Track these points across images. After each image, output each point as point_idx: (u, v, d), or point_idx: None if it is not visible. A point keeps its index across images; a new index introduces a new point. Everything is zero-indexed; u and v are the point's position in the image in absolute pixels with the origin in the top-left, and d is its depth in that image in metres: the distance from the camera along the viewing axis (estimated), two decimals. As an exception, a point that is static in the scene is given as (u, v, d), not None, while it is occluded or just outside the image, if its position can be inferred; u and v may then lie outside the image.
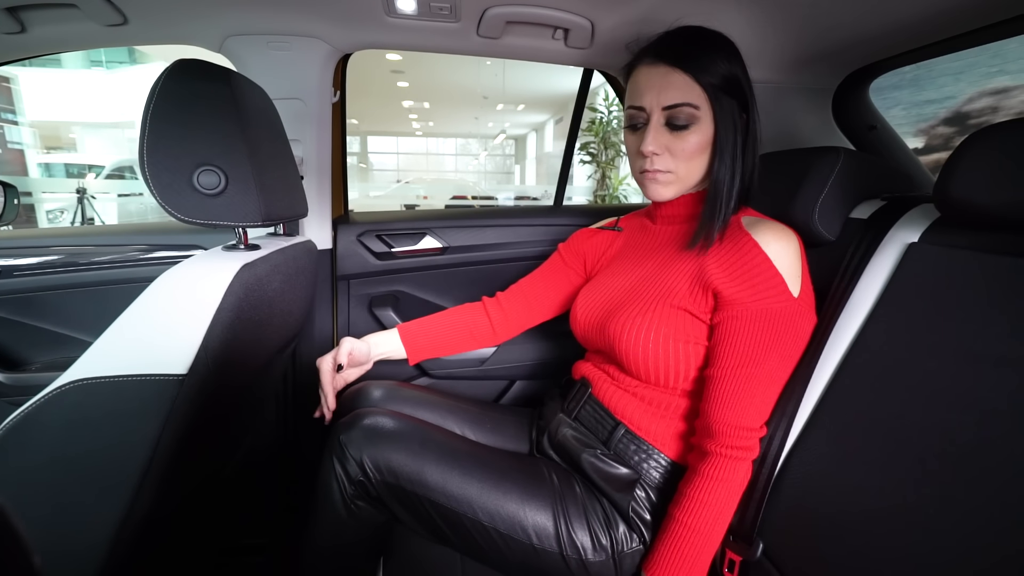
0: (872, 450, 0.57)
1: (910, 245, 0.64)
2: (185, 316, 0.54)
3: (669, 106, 0.67)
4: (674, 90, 0.66)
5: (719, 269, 0.65)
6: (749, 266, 0.63)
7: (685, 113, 0.66)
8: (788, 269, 0.63)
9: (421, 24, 0.93)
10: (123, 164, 8.35)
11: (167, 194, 0.56)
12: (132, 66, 12.02)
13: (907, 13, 0.76)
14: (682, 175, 0.70)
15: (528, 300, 0.92)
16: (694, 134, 0.67)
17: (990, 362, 0.50)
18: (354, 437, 0.67)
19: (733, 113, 0.67)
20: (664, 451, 0.69)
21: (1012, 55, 3.34)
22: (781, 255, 0.63)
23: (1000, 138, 0.53)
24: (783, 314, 0.62)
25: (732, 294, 0.63)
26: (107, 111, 11.31)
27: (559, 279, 0.91)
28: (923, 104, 3.76)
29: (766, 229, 0.65)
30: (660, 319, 0.67)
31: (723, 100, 0.66)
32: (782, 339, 0.62)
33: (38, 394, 0.51)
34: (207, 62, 0.60)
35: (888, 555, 0.51)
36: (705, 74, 0.65)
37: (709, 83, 0.65)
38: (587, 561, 0.66)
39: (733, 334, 0.63)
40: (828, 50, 0.92)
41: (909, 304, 0.61)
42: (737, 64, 0.68)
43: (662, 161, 0.69)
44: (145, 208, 7.82)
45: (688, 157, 0.68)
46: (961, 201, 0.56)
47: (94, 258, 1.11)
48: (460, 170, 20.26)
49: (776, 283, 0.62)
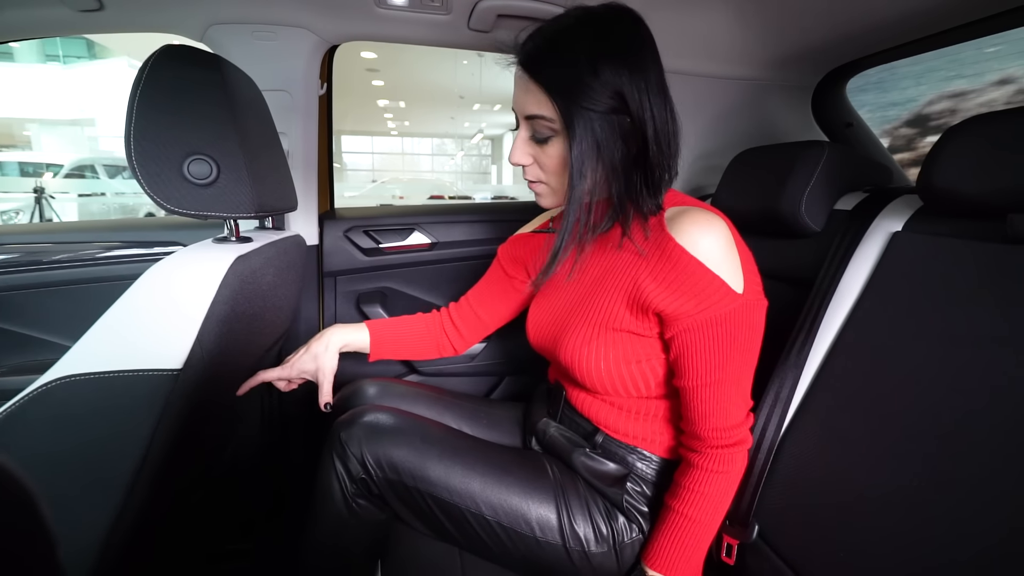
0: (862, 432, 0.59)
1: (894, 234, 0.67)
2: (179, 310, 0.52)
3: (529, 116, 0.61)
4: (531, 101, 0.60)
5: (654, 286, 0.60)
6: (683, 276, 0.58)
7: (543, 126, 0.60)
8: (723, 265, 0.58)
9: (411, 16, 0.92)
10: (83, 163, 8.01)
11: (156, 184, 0.54)
12: (91, 61, 11.56)
13: (883, 13, 0.80)
14: (555, 187, 0.65)
15: (479, 316, 0.89)
16: (555, 147, 0.61)
17: (973, 344, 0.53)
18: (355, 434, 0.66)
19: (601, 127, 0.57)
20: (650, 449, 0.69)
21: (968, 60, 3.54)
22: (712, 252, 0.58)
23: (981, 129, 0.56)
24: (733, 316, 0.58)
25: (675, 310, 0.59)
26: (65, 108, 10.83)
27: (506, 290, 0.87)
28: (887, 107, 3.94)
29: (689, 224, 0.59)
30: (607, 344, 0.65)
31: (583, 116, 0.56)
32: (738, 338, 0.59)
33: (11, 399, 0.48)
34: (197, 48, 0.58)
35: (879, 532, 0.53)
36: (559, 90, 0.57)
37: (564, 100, 0.57)
38: (590, 553, 0.66)
39: (690, 347, 0.60)
40: (809, 48, 0.95)
41: (895, 290, 0.64)
42: (612, 68, 0.56)
43: (532, 172, 0.66)
44: (108, 209, 7.51)
45: (553, 171, 0.63)
46: (945, 190, 0.59)
47: (58, 256, 1.06)
48: (436, 170, 20.14)
49: (716, 287, 0.57)
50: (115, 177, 8.09)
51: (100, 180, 7.89)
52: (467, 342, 0.91)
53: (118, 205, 7.72)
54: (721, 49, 0.97)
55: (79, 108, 10.81)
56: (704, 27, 0.59)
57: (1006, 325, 0.51)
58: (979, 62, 3.50)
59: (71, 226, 1.23)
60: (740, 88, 1.06)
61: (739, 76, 1.04)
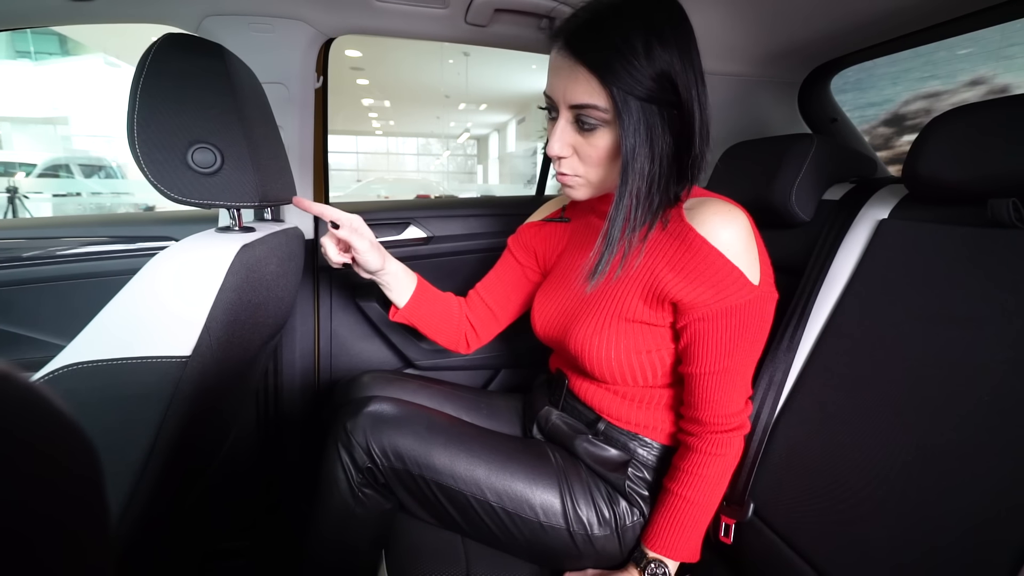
0: (852, 411, 0.61)
1: (881, 222, 0.70)
2: (187, 297, 0.52)
3: (576, 105, 0.58)
4: (580, 89, 0.57)
5: (673, 276, 0.60)
6: (703, 266, 0.58)
7: (593, 115, 0.57)
8: (742, 257, 0.58)
9: (409, 9, 0.92)
10: (57, 162, 7.81)
11: (160, 173, 0.54)
12: (64, 58, 11.23)
13: (866, 12, 0.83)
14: (593, 180, 0.63)
15: (492, 311, 0.88)
16: (603, 138, 0.59)
17: (957, 322, 0.55)
18: (360, 424, 0.66)
19: (652, 117, 0.56)
20: (651, 436, 0.70)
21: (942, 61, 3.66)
22: (732, 244, 0.58)
23: (963, 119, 0.59)
24: (748, 306, 0.59)
25: (693, 299, 0.59)
26: (37, 106, 10.51)
27: (518, 280, 0.87)
28: (865, 107, 4.05)
29: (711, 215, 0.59)
30: (619, 334, 0.65)
31: (636, 106, 0.55)
32: (750, 328, 0.60)
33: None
34: (198, 37, 0.58)
35: (869, 503, 0.56)
36: (614, 77, 0.54)
37: (619, 88, 0.54)
38: (592, 536, 0.68)
39: (703, 335, 0.60)
40: (796, 45, 0.98)
41: (882, 275, 0.66)
42: (665, 54, 0.55)
43: (569, 164, 0.63)
44: (84, 209, 7.32)
45: (597, 163, 0.61)
46: (928, 178, 0.62)
47: (42, 251, 1.04)
48: (422, 170, 20.03)
49: (735, 278, 0.58)
50: (91, 177, 7.90)
51: (75, 180, 7.69)
52: (480, 340, 0.89)
53: (94, 205, 7.54)
54: (713, 46, 1.00)
55: (52, 106, 10.50)
56: (698, 25, 0.61)
57: (986, 305, 0.54)
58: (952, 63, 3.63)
59: (54, 221, 1.20)
60: (730, 83, 1.09)
61: (729, 72, 1.07)
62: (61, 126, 11.14)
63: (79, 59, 10.70)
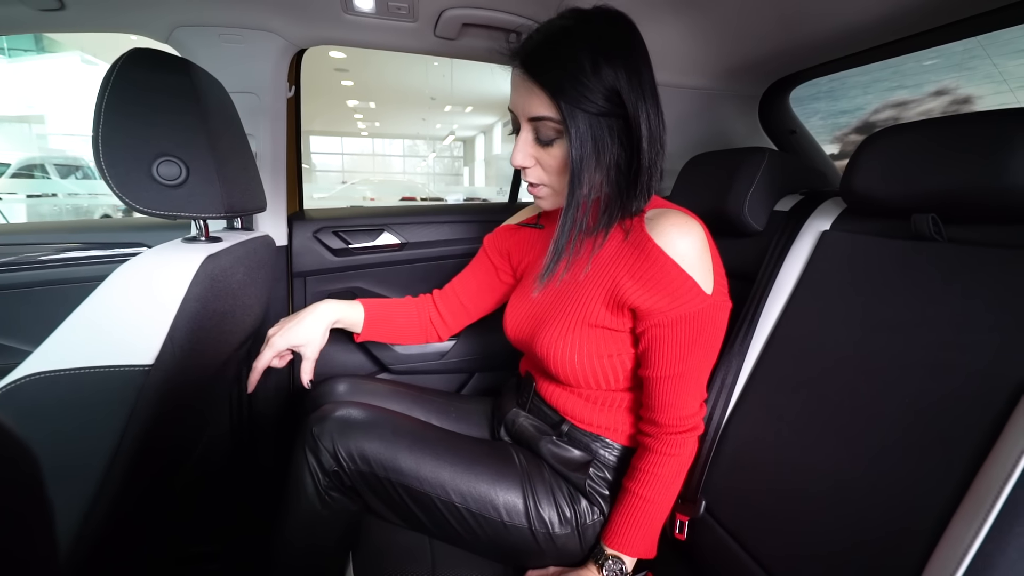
0: (796, 412, 0.65)
1: (823, 233, 0.74)
2: (150, 306, 0.53)
3: (533, 118, 0.63)
4: (535, 103, 0.61)
5: (632, 283, 0.64)
6: (660, 275, 0.62)
7: (548, 127, 0.62)
8: (696, 267, 0.62)
9: (378, 22, 0.94)
10: (32, 162, 7.59)
11: (124, 185, 0.55)
12: (39, 56, 10.95)
13: (822, 30, 0.87)
14: (557, 188, 0.67)
15: (464, 304, 0.92)
16: (559, 148, 0.63)
17: (886, 329, 0.59)
18: (327, 428, 0.68)
19: (599, 129, 0.60)
20: (612, 438, 0.73)
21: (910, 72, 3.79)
22: (688, 255, 0.62)
23: (891, 139, 0.63)
24: (701, 315, 0.62)
25: (650, 306, 0.63)
26: (11, 104, 10.23)
27: (491, 281, 0.90)
28: (838, 114, 4.17)
29: (669, 227, 0.63)
30: (582, 339, 0.68)
31: (584, 119, 0.59)
32: (704, 335, 0.64)
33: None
34: (165, 52, 0.60)
35: (812, 501, 0.59)
36: (563, 93, 0.59)
37: (567, 103, 0.59)
38: (554, 534, 0.70)
39: (660, 340, 0.63)
40: (755, 60, 1.02)
41: (823, 284, 0.70)
42: (612, 71, 0.59)
43: (535, 174, 0.67)
44: (60, 210, 7.15)
45: (557, 172, 0.65)
46: (861, 194, 0.66)
47: (11, 258, 1.03)
48: (408, 171, 19.95)
49: (689, 287, 0.61)
50: (67, 177, 7.71)
51: (51, 180, 7.50)
52: (451, 329, 0.93)
53: (71, 206, 7.36)
54: (675, 60, 1.04)
55: (27, 104, 10.24)
56: (658, 39, 0.63)
57: (911, 313, 0.57)
58: (919, 74, 3.77)
59: (25, 227, 1.19)
60: (693, 96, 1.13)
61: (691, 85, 1.11)
62: (36, 125, 10.85)
63: (55, 56, 10.44)
